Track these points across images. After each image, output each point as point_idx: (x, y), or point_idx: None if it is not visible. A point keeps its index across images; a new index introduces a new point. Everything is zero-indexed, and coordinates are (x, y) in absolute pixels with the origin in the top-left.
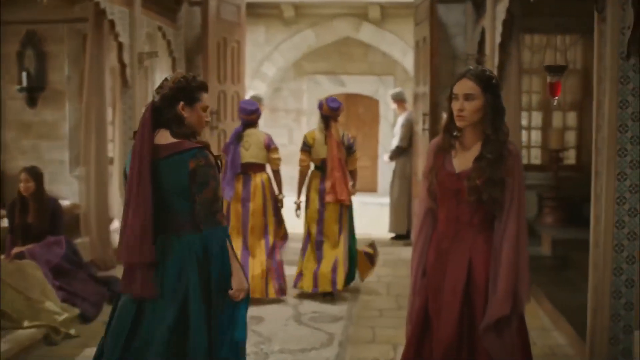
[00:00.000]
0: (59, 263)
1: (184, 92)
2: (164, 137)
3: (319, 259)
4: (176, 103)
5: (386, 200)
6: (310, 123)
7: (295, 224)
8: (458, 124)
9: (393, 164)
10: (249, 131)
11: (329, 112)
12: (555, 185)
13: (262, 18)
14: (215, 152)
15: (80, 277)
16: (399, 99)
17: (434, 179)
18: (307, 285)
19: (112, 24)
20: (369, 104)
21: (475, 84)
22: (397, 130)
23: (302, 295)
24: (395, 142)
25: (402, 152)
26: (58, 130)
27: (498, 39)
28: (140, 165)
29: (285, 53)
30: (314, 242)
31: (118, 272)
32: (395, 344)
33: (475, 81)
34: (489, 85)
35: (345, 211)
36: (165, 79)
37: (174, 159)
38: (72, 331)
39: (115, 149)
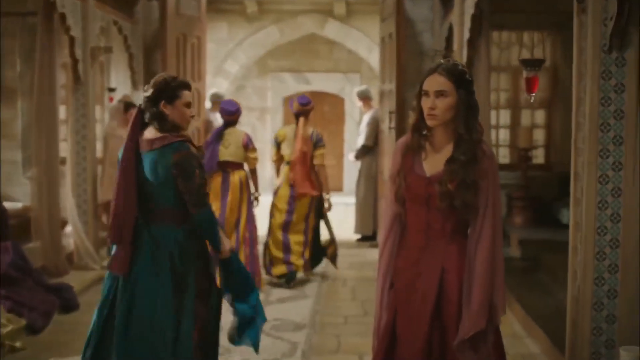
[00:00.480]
0: (6, 271)
1: (164, 91)
2: (151, 133)
3: (285, 245)
4: (158, 102)
5: (352, 199)
6: (275, 121)
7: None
8: (429, 123)
9: (359, 164)
10: (230, 130)
11: (300, 109)
12: (524, 184)
13: (224, 14)
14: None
15: (29, 285)
16: (364, 97)
17: (402, 182)
18: (280, 270)
19: (62, 17)
20: (335, 102)
21: (447, 80)
22: (363, 129)
23: (265, 300)
24: (360, 140)
25: (368, 151)
26: (10, 129)
27: (467, 35)
28: (126, 157)
29: (248, 50)
30: (279, 229)
31: (71, 278)
32: (361, 354)
33: (447, 77)
34: (462, 81)
35: (314, 204)
36: (149, 83)
37: (158, 151)
38: (18, 344)
39: (68, 148)
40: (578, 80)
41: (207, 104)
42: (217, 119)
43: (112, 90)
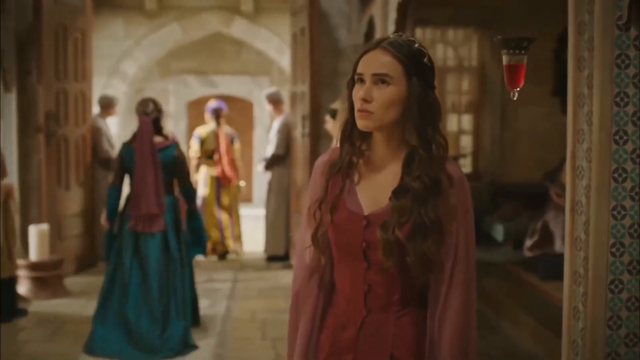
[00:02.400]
0: None
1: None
2: (156, 138)
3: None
4: (162, 117)
5: (262, 212)
6: (179, 128)
7: None
8: (359, 124)
9: (269, 175)
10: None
11: (221, 113)
12: None
13: (119, 9)
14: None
15: None
16: (275, 100)
17: (326, 221)
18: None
19: None
20: (243, 107)
21: (393, 60)
22: (273, 136)
23: None
24: (270, 149)
25: (279, 161)
26: None
27: (392, 28)
28: (152, 153)
29: (148, 49)
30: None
31: None
32: None
33: (395, 55)
34: (417, 65)
35: (236, 190)
36: (154, 102)
37: (166, 150)
38: None
39: None
40: (576, 69)
41: (95, 109)
42: (107, 125)
43: None
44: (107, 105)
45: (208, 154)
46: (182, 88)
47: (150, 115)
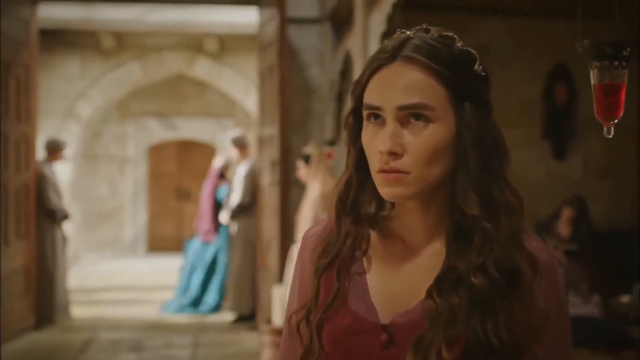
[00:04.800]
0: None
1: None
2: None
3: None
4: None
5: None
6: (138, 173)
7: None
8: (388, 192)
9: (233, 224)
10: None
11: None
12: None
13: (75, 47)
14: None
15: None
16: (240, 144)
17: (319, 335)
18: None
19: None
20: (206, 151)
21: (430, 78)
22: (238, 184)
23: None
24: (235, 197)
25: (245, 211)
26: None
27: None
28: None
29: (105, 90)
30: None
31: None
32: None
33: (432, 70)
34: (468, 79)
35: None
36: None
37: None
38: None
39: None
40: None
41: (40, 154)
42: (54, 172)
43: None
44: (54, 149)
45: None
46: (141, 131)
47: None
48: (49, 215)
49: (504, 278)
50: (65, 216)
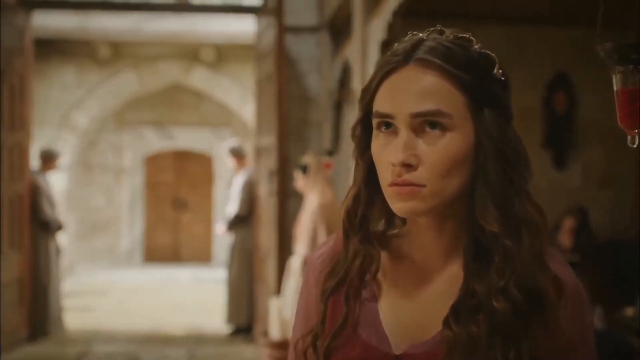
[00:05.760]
0: None
1: None
2: None
3: None
4: None
5: (223, 274)
6: (134, 183)
7: None
8: (401, 207)
9: (230, 235)
10: None
11: None
12: None
13: (71, 56)
14: None
15: None
16: (238, 154)
17: None
18: None
19: None
20: (202, 161)
21: (447, 82)
22: (236, 194)
23: None
24: (232, 208)
25: (242, 222)
26: None
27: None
28: None
29: (101, 99)
30: None
31: None
32: None
33: (448, 74)
34: (487, 83)
35: None
36: None
37: None
38: None
39: None
40: None
41: (35, 164)
42: (48, 182)
43: None
44: (48, 159)
45: None
46: (138, 141)
47: None
48: (42, 226)
49: (527, 301)
50: (60, 227)
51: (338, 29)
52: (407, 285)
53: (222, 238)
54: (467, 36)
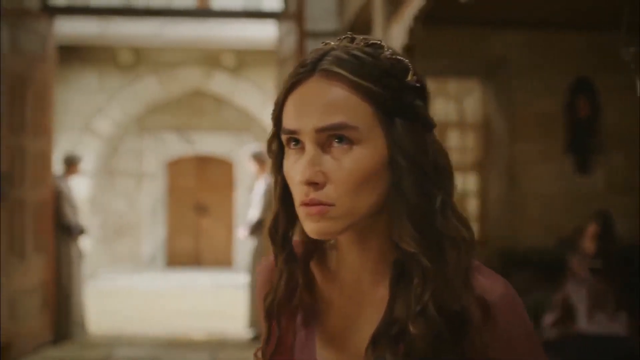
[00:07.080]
0: None
1: None
2: None
3: None
4: None
5: (244, 278)
6: (155, 189)
7: None
8: (312, 228)
9: (252, 240)
10: None
11: None
12: None
13: (93, 62)
14: None
15: None
16: (260, 159)
17: None
18: None
19: None
20: (223, 166)
21: (352, 93)
22: (257, 199)
23: None
24: (253, 212)
25: (264, 226)
26: None
27: None
28: None
29: (123, 104)
30: None
31: None
32: None
33: (353, 84)
34: (399, 92)
35: None
36: None
37: None
38: None
39: None
40: None
41: (58, 169)
42: (70, 187)
43: None
44: (71, 164)
45: None
46: (159, 146)
47: None
48: (65, 230)
49: (449, 325)
50: (82, 231)
51: (358, 34)
52: (341, 309)
53: (243, 243)
54: (379, 42)
